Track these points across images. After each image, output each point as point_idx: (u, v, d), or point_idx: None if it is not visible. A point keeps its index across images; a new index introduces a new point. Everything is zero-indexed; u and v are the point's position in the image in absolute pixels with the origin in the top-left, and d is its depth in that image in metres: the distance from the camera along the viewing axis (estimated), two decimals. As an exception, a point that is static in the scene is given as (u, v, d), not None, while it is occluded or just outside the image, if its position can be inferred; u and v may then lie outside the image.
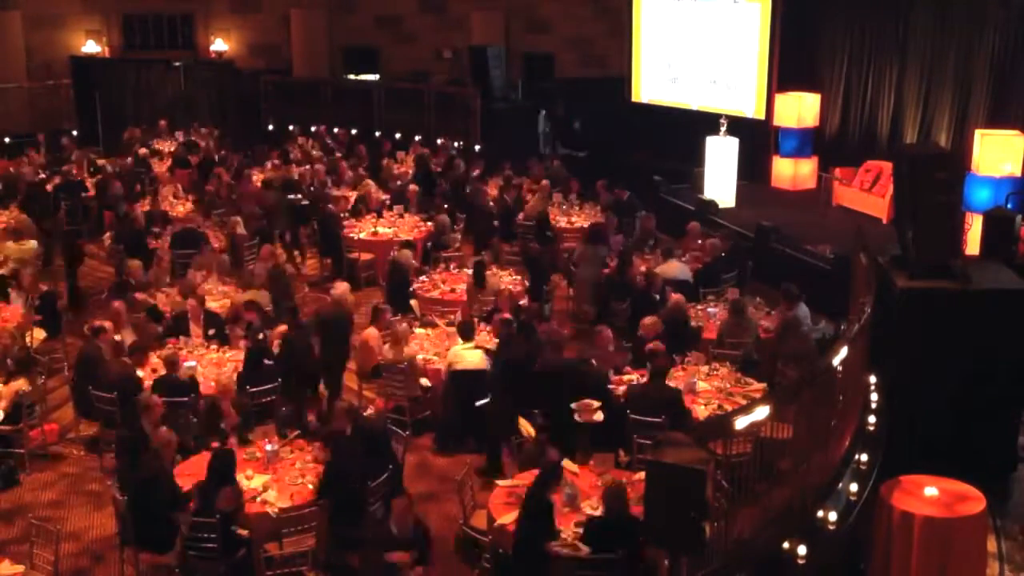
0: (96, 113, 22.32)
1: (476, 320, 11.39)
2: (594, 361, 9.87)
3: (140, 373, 10.16)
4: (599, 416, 8.91)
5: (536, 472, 7.82)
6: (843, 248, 13.06)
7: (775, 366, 10.40)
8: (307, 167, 18.71)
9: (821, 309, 12.68)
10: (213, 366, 10.55)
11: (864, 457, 8.30)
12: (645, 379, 9.56)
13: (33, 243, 14.15)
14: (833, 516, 7.37)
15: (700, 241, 14.01)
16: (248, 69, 24.55)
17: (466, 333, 10.62)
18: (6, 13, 23.40)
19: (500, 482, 8.44)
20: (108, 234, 15.18)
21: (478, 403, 10.12)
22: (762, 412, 6.77)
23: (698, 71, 19.55)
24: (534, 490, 7.42)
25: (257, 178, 18.52)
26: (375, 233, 15.27)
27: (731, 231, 15.05)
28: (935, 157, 10.53)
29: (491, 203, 16.87)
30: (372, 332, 11.14)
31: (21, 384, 9.98)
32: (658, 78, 20.45)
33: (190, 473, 8.37)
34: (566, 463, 8.50)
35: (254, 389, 9.73)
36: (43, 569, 7.65)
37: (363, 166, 19.22)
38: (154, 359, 10.48)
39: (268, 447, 8.70)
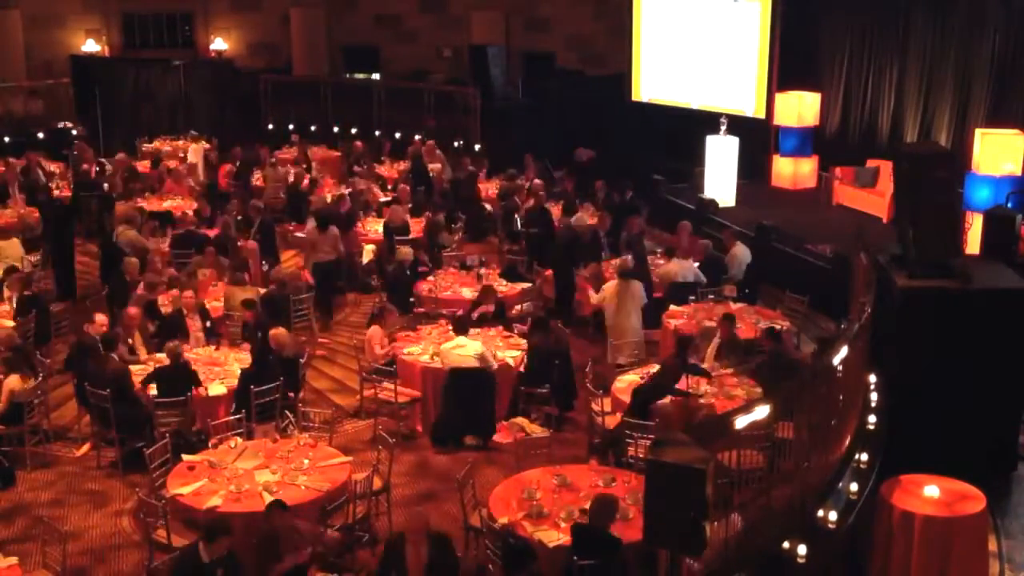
0: (96, 112, 22.30)
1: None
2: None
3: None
4: None
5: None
6: (843, 247, 13.05)
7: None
8: (302, 167, 18.79)
9: (821, 308, 12.71)
10: (214, 364, 10.59)
11: (864, 457, 8.29)
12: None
13: (17, 241, 14.10)
14: (833, 516, 7.36)
15: (690, 239, 14.03)
16: (248, 68, 24.57)
17: (459, 328, 10.72)
18: (6, 12, 23.41)
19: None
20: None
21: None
22: (762, 412, 6.76)
23: (698, 70, 19.54)
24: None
25: (257, 177, 18.58)
26: (375, 232, 15.28)
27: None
28: (935, 156, 10.52)
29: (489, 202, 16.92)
30: (375, 330, 11.13)
31: (15, 382, 9.97)
32: (658, 77, 20.45)
33: (183, 479, 8.37)
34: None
35: (258, 388, 9.73)
36: (47, 567, 7.65)
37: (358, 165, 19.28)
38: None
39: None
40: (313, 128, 22.71)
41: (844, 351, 7.81)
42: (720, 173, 17.53)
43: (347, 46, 25.74)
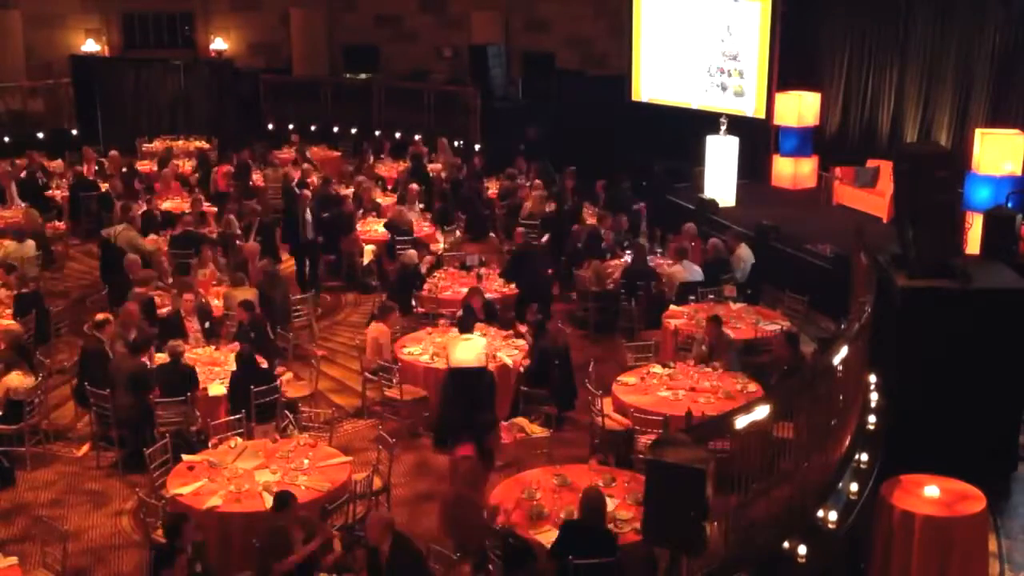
0: (96, 112, 22.31)
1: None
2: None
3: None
4: None
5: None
6: (843, 247, 13.06)
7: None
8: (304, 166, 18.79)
9: (821, 308, 12.71)
10: (212, 364, 10.60)
11: (864, 457, 8.29)
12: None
13: (32, 243, 14.11)
14: (833, 516, 7.36)
15: (693, 242, 14.04)
16: (248, 68, 24.57)
17: (463, 327, 10.69)
18: (6, 12, 23.41)
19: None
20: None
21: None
22: (761, 411, 6.76)
23: (698, 70, 19.53)
24: None
25: (257, 177, 18.58)
26: (376, 232, 15.28)
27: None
28: (935, 156, 10.52)
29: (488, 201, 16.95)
30: (382, 328, 11.10)
31: (13, 379, 9.96)
32: (658, 77, 20.45)
33: (183, 479, 8.36)
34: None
35: (257, 389, 9.73)
36: (47, 567, 7.65)
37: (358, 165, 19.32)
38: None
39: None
40: (313, 128, 22.73)
41: (844, 351, 7.81)
42: (720, 173, 17.52)
43: (347, 46, 25.74)
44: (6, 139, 21.55)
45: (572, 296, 13.86)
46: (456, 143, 20.89)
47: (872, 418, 8.90)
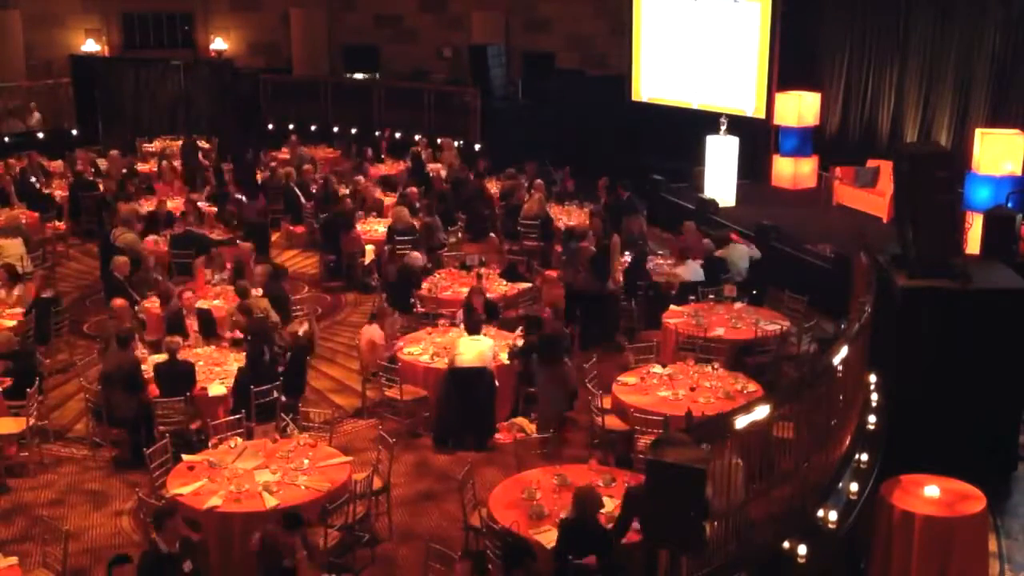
0: (96, 112, 22.31)
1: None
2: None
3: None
4: None
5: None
6: (843, 247, 13.06)
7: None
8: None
9: (821, 308, 12.70)
10: (213, 364, 10.59)
11: (864, 457, 8.29)
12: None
13: (20, 241, 14.09)
14: (833, 516, 7.36)
15: (696, 238, 14.05)
16: (248, 68, 24.58)
17: (471, 328, 10.66)
18: (6, 12, 23.40)
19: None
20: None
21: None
22: (762, 411, 6.76)
23: (698, 70, 19.54)
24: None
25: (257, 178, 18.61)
26: (376, 231, 15.28)
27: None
28: (935, 156, 10.52)
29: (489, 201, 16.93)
30: (376, 331, 11.11)
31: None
32: (658, 77, 20.46)
33: (183, 479, 8.34)
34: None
35: (257, 388, 9.72)
36: (47, 567, 7.65)
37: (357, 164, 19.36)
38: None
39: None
40: (313, 128, 22.74)
41: (844, 351, 7.81)
42: (720, 173, 17.53)
43: (347, 46, 25.75)
44: (6, 139, 21.55)
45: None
46: (456, 143, 20.89)
47: (872, 418, 8.89)
